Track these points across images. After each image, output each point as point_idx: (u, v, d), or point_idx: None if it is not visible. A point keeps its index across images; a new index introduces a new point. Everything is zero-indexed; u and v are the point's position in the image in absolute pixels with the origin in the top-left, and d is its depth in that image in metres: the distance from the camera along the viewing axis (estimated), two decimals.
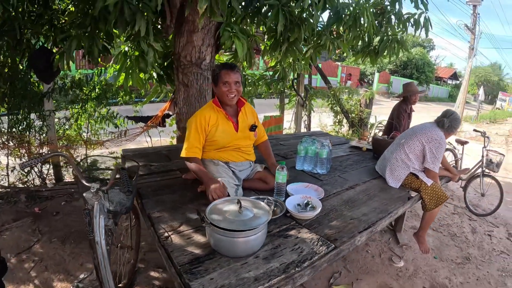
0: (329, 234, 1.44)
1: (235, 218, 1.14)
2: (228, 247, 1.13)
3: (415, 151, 2.35)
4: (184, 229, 1.36)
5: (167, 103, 3.53)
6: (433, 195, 2.30)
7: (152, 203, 1.60)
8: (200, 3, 2.24)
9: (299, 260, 1.19)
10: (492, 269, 2.78)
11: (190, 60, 2.95)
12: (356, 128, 6.41)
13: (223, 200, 1.34)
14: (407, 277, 2.48)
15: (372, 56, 3.72)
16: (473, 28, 11.65)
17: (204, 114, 1.80)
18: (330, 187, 2.10)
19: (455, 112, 2.43)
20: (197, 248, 1.21)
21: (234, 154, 1.91)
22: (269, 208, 1.26)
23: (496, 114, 15.94)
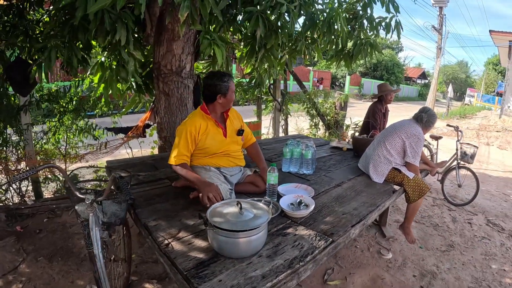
0: (325, 229, 1.52)
1: (236, 220, 1.18)
2: (232, 248, 1.17)
3: (396, 147, 2.49)
4: (183, 235, 1.38)
5: (147, 113, 3.51)
6: (416, 187, 2.45)
7: (146, 213, 1.60)
8: (181, 11, 2.28)
9: (301, 255, 1.25)
10: (476, 253, 2.98)
11: (170, 69, 2.96)
12: (332, 130, 6.65)
13: (221, 203, 1.37)
14: (396, 267, 2.61)
15: (346, 60, 3.90)
16: (440, 28, 12.43)
17: (194, 122, 1.83)
18: (318, 186, 2.18)
19: (431, 109, 2.62)
20: (200, 252, 1.23)
21: (225, 159, 1.95)
22: (268, 208, 1.31)
23: (466, 109, 16.91)
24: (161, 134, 3.23)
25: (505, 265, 2.82)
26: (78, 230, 2.63)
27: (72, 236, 2.58)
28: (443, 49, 12.37)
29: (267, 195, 1.81)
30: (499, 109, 14.05)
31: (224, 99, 1.86)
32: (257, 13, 2.74)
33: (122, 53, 2.59)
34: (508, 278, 2.64)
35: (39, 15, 3.09)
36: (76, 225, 2.74)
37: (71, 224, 2.76)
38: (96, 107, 3.67)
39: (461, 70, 40.58)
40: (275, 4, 2.78)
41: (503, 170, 6.69)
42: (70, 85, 3.51)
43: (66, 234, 2.61)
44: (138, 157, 2.80)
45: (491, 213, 4.01)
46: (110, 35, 2.45)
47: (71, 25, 2.51)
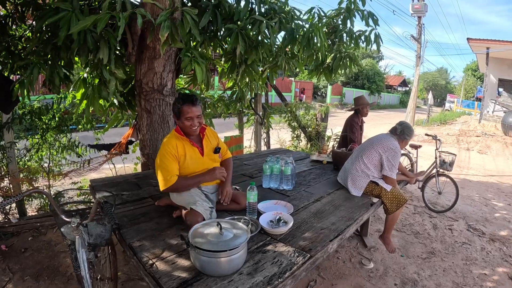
0: (304, 245, 1.62)
1: (217, 240, 1.28)
2: (214, 268, 1.26)
3: (373, 161, 2.63)
4: (167, 255, 1.46)
5: (130, 130, 3.58)
6: (393, 199, 2.59)
7: (131, 233, 1.67)
8: (161, 31, 2.39)
9: (280, 272, 1.35)
10: (456, 259, 3.14)
11: (152, 87, 3.04)
12: (314, 142, 6.86)
13: (202, 224, 1.46)
14: (378, 277, 2.73)
15: (326, 73, 4.09)
16: (419, 38, 13.02)
17: (170, 143, 1.92)
18: (297, 202, 2.29)
19: (407, 123, 2.78)
20: (183, 271, 1.31)
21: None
22: (246, 228, 1.41)
23: (446, 115, 17.57)
24: (144, 151, 3.29)
25: (486, 269, 2.98)
26: (64, 248, 2.66)
27: (57, 255, 2.61)
28: (422, 58, 12.94)
29: (247, 213, 1.91)
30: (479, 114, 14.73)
31: (178, 121, 1.95)
32: (237, 30, 2.88)
33: (104, 72, 2.67)
34: (489, 282, 2.79)
35: (22, 30, 3.13)
36: (62, 243, 2.76)
37: (56, 242, 2.79)
38: (79, 123, 3.70)
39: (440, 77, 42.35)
40: (255, 21, 2.93)
41: (483, 174, 7.03)
42: (53, 101, 3.54)
43: (51, 252, 2.64)
44: (121, 176, 2.86)
45: (472, 218, 4.22)
46: (92, 54, 2.54)
47: (54, 43, 2.58)
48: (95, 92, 2.85)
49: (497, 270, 2.99)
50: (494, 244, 3.54)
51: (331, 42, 4.00)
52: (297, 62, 3.81)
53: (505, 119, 11.02)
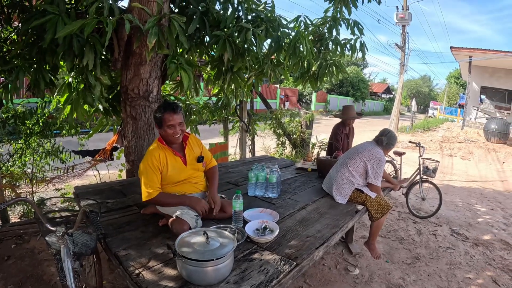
0: (290, 253, 1.66)
1: (204, 249, 1.30)
2: (201, 277, 1.28)
3: (358, 168, 2.71)
4: (153, 264, 1.47)
5: (115, 136, 3.55)
6: (378, 206, 2.67)
7: (116, 241, 1.67)
8: (149, 38, 2.41)
9: (267, 280, 1.38)
10: (441, 264, 3.24)
11: (137, 93, 3.04)
12: (299, 149, 6.97)
13: (188, 232, 1.48)
14: (364, 283, 2.79)
15: (312, 81, 4.18)
16: (403, 46, 13.44)
17: (153, 154, 1.94)
18: (283, 210, 2.33)
19: (391, 131, 2.87)
20: (170, 281, 1.33)
21: (188, 186, 2.07)
22: (233, 236, 1.44)
23: (429, 122, 18.08)
24: (129, 158, 3.28)
25: (470, 273, 3.09)
26: (48, 256, 2.62)
27: (41, 263, 2.57)
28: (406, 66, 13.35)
29: (233, 221, 1.94)
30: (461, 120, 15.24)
31: (160, 130, 1.98)
32: (224, 37, 2.92)
33: (89, 77, 2.66)
34: (473, 285, 2.89)
35: (7, 33, 3.08)
36: (45, 251, 2.72)
37: (39, 250, 2.74)
38: (63, 128, 3.65)
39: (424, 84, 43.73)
40: (241, 28, 2.99)
41: (466, 180, 7.27)
42: (37, 106, 3.48)
43: (35, 260, 2.59)
44: (106, 183, 2.84)
45: (455, 223, 4.37)
46: (78, 59, 2.53)
47: (39, 47, 2.56)
48: (80, 97, 2.83)
49: (481, 274, 3.11)
50: (477, 248, 3.67)
51: (317, 50, 4.10)
52: (283, 70, 3.88)
53: (487, 126, 11.45)
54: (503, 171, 8.46)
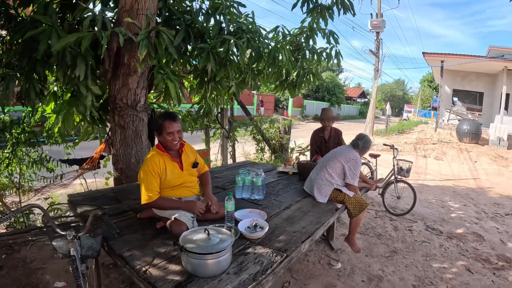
0: (279, 246, 1.87)
1: (206, 244, 1.48)
2: (204, 269, 1.45)
3: (337, 170, 2.97)
4: (158, 262, 1.62)
5: (102, 145, 3.64)
6: (356, 204, 2.93)
7: (119, 244, 1.80)
8: (140, 50, 2.57)
9: (262, 270, 1.58)
10: (417, 256, 3.53)
11: (126, 103, 3.16)
12: (278, 154, 7.24)
13: (190, 231, 1.66)
14: (346, 275, 3.05)
15: (290, 88, 4.42)
16: (377, 52, 14.12)
17: (154, 160, 2.09)
18: (269, 210, 2.54)
19: (366, 135, 3.14)
20: (176, 275, 1.49)
21: (184, 190, 2.24)
22: (230, 233, 1.63)
23: (404, 125, 18.96)
24: (117, 166, 3.38)
25: (445, 263, 3.39)
26: (41, 265, 2.69)
27: (35, 272, 2.63)
28: (381, 71, 14.01)
29: (226, 221, 2.12)
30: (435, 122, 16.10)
31: (159, 137, 2.15)
32: (208, 49, 3.10)
33: (81, 87, 2.76)
34: (448, 274, 3.18)
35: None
36: (38, 259, 2.76)
37: (31, 259, 2.79)
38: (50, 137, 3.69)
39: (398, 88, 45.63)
40: (224, 40, 3.18)
41: (440, 179, 7.77)
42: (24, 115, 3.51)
43: (28, 270, 2.64)
44: (99, 190, 2.93)
45: (430, 219, 4.73)
46: (70, 69, 2.64)
47: (30, 57, 2.64)
48: (71, 107, 2.92)
49: (456, 263, 3.43)
50: (451, 241, 4.01)
51: (295, 59, 4.34)
52: (262, 79, 4.10)
53: (460, 127, 12.21)
54: (475, 169, 9.10)
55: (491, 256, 3.63)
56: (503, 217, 5.16)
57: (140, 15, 2.82)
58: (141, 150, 3.39)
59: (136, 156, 3.36)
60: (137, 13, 2.81)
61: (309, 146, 7.09)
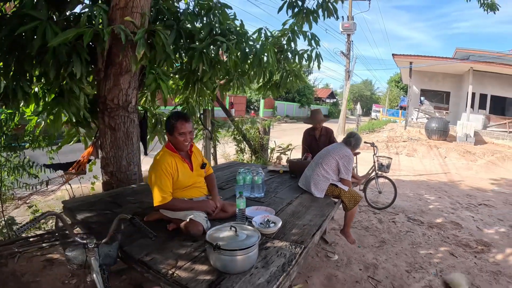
0: (295, 239, 1.94)
1: (235, 241, 1.50)
2: (235, 265, 1.47)
3: (332, 166, 3.10)
4: (182, 263, 1.60)
5: (89, 148, 3.49)
6: (351, 197, 3.08)
7: (134, 249, 1.75)
8: (137, 49, 2.51)
9: (287, 261, 1.63)
10: (404, 244, 3.78)
11: (117, 103, 3.07)
12: (259, 154, 7.33)
13: (214, 229, 1.66)
14: (344, 265, 3.20)
15: (273, 89, 4.50)
16: (348, 54, 14.64)
17: (166, 160, 2.06)
18: (274, 206, 2.59)
19: (357, 134, 3.33)
20: (206, 275, 1.49)
21: (195, 190, 2.23)
22: (254, 228, 1.66)
23: (374, 124, 19.75)
24: (107, 169, 3.26)
25: (430, 249, 3.66)
26: (33, 278, 2.53)
27: (28, 286, 2.47)
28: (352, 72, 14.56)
29: (237, 219, 2.13)
30: (403, 121, 16.94)
31: (170, 137, 2.13)
32: (199, 50, 3.09)
33: (74, 87, 2.65)
34: (435, 258, 3.45)
35: None
36: (28, 273, 2.61)
37: (22, 273, 2.62)
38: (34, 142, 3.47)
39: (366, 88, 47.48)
40: (214, 41, 3.19)
41: (413, 174, 8.22)
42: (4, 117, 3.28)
43: (21, 284, 2.48)
44: (95, 195, 2.80)
45: (410, 211, 5.02)
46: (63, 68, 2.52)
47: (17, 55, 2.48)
48: (63, 107, 2.76)
49: (439, 249, 3.72)
50: (432, 230, 4.31)
51: (277, 61, 4.42)
52: (247, 80, 4.16)
53: (428, 125, 12.97)
54: (445, 164, 9.71)
55: (470, 242, 3.96)
56: (477, 207, 5.60)
57: (134, 13, 2.76)
58: (132, 152, 3.30)
59: (127, 158, 3.26)
60: (132, 11, 2.74)
61: (289, 146, 7.38)
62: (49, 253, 2.97)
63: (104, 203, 2.52)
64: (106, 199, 2.62)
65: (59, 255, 2.93)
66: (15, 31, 2.36)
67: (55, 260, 2.85)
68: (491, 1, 4.87)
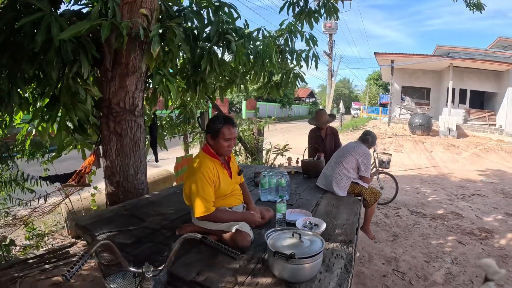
0: (342, 239, 1.89)
1: (302, 248, 1.39)
2: (303, 273, 1.37)
3: (352, 165, 3.09)
4: (242, 279, 1.45)
5: (91, 157, 3.23)
6: (372, 194, 3.10)
7: (179, 269, 1.54)
8: (153, 46, 2.32)
9: (347, 262, 1.59)
10: (415, 236, 3.85)
11: (123, 107, 2.85)
12: (256, 156, 7.24)
13: (273, 238, 1.53)
14: (367, 261, 3.21)
15: (274, 90, 4.42)
16: (330, 53, 14.82)
17: (208, 165, 1.89)
18: (304, 208, 2.48)
19: (372, 132, 3.35)
20: (274, 286, 1.38)
21: (234, 198, 2.08)
22: (315, 233, 1.54)
23: (356, 122, 20.16)
24: (112, 179, 3.02)
25: (440, 239, 3.77)
26: None
27: None
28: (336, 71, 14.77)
29: (278, 224, 2.00)
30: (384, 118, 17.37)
31: (213, 141, 1.95)
32: (208, 49, 2.98)
33: (80, 89, 2.41)
34: (446, 247, 3.57)
35: None
36: None
37: None
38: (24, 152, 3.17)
39: (344, 87, 48.41)
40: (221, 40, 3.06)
41: (404, 169, 8.40)
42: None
43: None
44: (109, 209, 2.53)
45: (411, 205, 5.13)
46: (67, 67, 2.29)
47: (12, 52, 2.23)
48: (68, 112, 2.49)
49: (448, 238, 3.84)
50: (436, 221, 4.42)
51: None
52: (248, 80, 4.07)
53: (411, 120, 13.36)
54: (432, 158, 10.00)
55: (474, 230, 4.12)
56: (471, 197, 5.81)
57: (144, 9, 2.56)
58: (139, 160, 3.09)
59: (134, 166, 3.04)
60: (141, 7, 2.54)
61: (286, 147, 7.32)
62: (54, 276, 2.71)
63: (122, 217, 2.29)
64: (122, 212, 2.39)
65: None
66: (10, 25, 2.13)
67: (63, 284, 2.59)
68: (477, 1, 5.04)
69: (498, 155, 10.44)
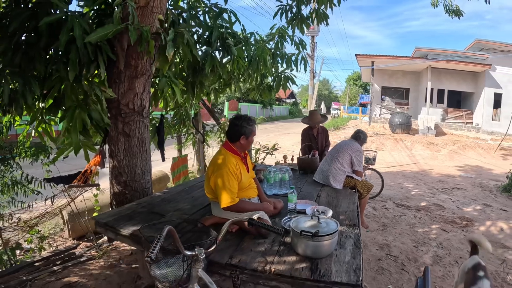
0: (348, 223, 2.16)
1: (321, 228, 1.63)
2: (325, 249, 1.63)
3: (346, 160, 3.41)
4: (271, 258, 1.67)
5: (96, 157, 3.32)
6: (364, 186, 3.43)
7: (214, 255, 1.69)
8: (168, 49, 2.49)
9: (355, 241, 1.88)
10: (403, 226, 4.21)
11: (132, 108, 2.98)
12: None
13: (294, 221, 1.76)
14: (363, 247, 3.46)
15: (266, 92, 4.65)
16: (312, 54, 15.23)
17: (231, 161, 2.11)
18: (308, 199, 2.73)
19: (364, 131, 3.73)
20: (300, 263, 1.62)
21: (251, 191, 2.32)
22: (329, 216, 1.78)
23: (338, 121, 20.68)
24: (120, 179, 3.12)
25: (425, 228, 4.14)
26: None
27: None
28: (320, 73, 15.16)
29: (289, 213, 2.27)
30: (364, 117, 17.93)
31: (245, 141, 2.20)
32: (210, 53, 3.16)
33: (96, 89, 2.52)
34: (432, 234, 3.94)
35: None
36: None
37: None
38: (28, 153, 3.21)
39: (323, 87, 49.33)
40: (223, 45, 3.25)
41: (387, 166, 8.83)
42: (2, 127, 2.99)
43: None
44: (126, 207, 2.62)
45: (396, 198, 5.52)
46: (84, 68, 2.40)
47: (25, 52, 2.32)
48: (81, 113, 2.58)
49: (432, 227, 4.22)
50: (420, 212, 4.81)
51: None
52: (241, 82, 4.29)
53: (392, 120, 13.94)
54: (413, 155, 10.53)
55: (455, 219, 4.52)
56: (451, 190, 6.27)
57: (154, 13, 2.70)
58: (146, 160, 3.23)
59: (141, 166, 3.17)
60: (152, 11, 2.68)
61: (275, 146, 7.56)
62: (65, 277, 2.73)
63: (142, 214, 2.40)
64: (139, 210, 2.50)
65: (78, 277, 2.72)
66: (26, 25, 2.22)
67: (75, 284, 2.62)
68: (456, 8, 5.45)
69: (475, 152, 11.15)
